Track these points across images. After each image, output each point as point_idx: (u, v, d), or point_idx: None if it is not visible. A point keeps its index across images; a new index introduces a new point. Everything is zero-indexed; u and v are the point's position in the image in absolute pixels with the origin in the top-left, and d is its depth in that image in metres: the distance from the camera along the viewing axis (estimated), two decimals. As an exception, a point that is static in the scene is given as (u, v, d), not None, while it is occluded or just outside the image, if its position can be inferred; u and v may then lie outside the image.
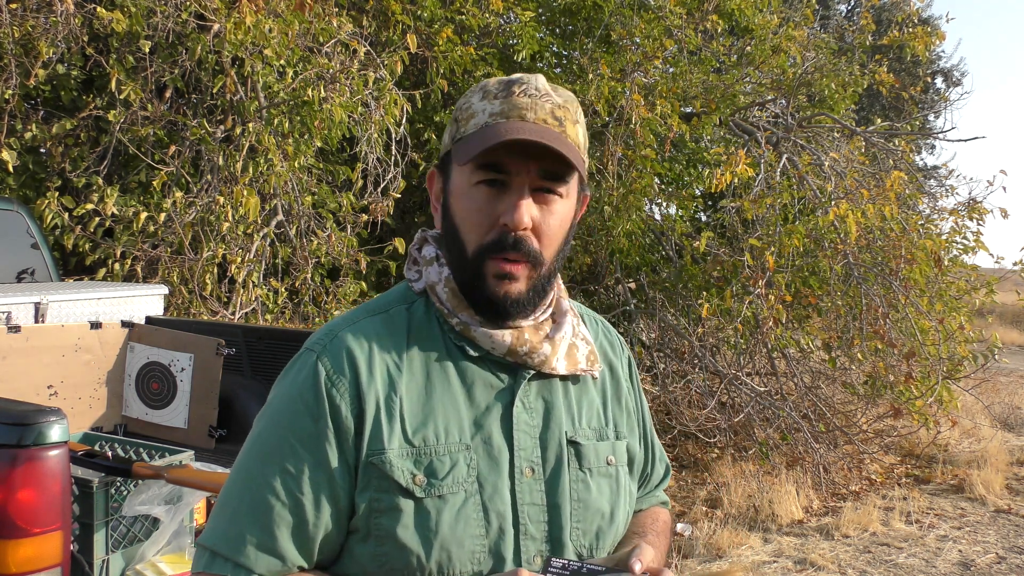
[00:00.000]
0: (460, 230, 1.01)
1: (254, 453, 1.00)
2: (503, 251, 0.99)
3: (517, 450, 1.02)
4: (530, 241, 0.99)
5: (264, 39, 4.92)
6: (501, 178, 0.98)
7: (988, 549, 4.84)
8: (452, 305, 1.04)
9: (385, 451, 0.97)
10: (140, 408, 3.44)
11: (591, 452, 1.07)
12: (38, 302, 3.24)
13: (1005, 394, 9.19)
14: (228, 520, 0.98)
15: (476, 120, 1.00)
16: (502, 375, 1.04)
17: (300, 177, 5.46)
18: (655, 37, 6.59)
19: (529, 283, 1.01)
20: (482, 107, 1.01)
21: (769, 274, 5.61)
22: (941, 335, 5.92)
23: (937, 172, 13.00)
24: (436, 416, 1.00)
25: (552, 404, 1.06)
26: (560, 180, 1.00)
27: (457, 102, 1.06)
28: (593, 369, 1.10)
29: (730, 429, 6.26)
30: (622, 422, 1.14)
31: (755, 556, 4.58)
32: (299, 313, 5.63)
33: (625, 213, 6.07)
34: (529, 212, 0.98)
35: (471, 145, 0.98)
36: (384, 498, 0.96)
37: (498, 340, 1.02)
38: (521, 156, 0.97)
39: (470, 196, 1.00)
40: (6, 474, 1.81)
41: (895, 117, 12.34)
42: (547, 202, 1.00)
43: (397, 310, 1.07)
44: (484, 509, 0.98)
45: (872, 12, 8.18)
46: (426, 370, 1.02)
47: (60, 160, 5.22)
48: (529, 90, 1.00)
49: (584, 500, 1.05)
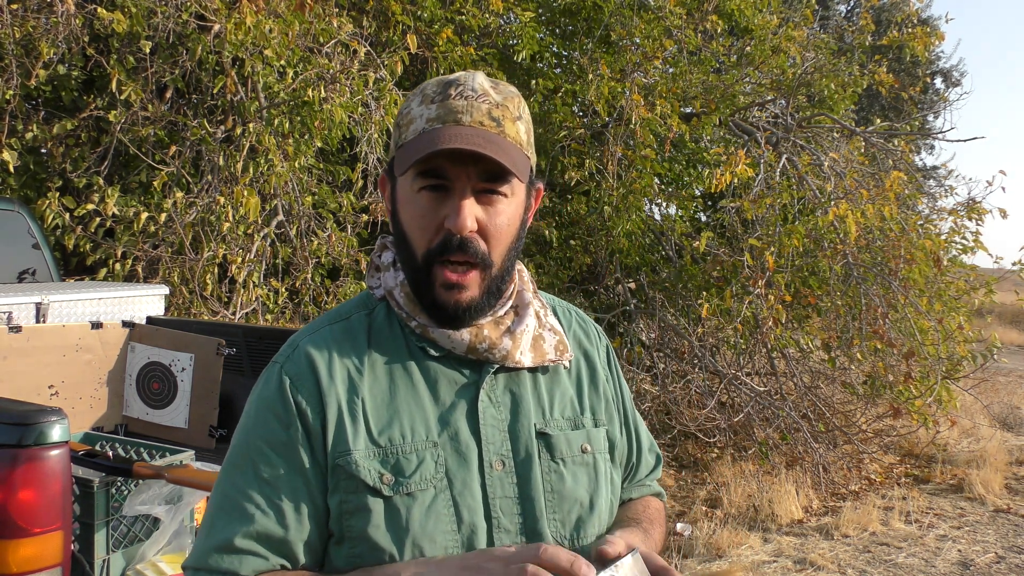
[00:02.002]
0: (408, 236, 1.03)
1: (230, 468, 1.02)
2: (449, 253, 1.00)
3: (485, 444, 1.02)
4: (477, 243, 1.00)
5: (264, 39, 4.92)
6: (442, 183, 0.99)
7: (987, 549, 4.84)
8: (409, 309, 1.06)
9: (351, 452, 0.98)
10: (141, 408, 3.44)
11: (562, 442, 1.07)
12: (39, 302, 3.24)
13: (1004, 394, 9.18)
14: (208, 536, 0.99)
15: (415, 126, 1.01)
16: (466, 371, 1.06)
17: (300, 177, 5.47)
18: (655, 37, 6.60)
19: (482, 287, 1.03)
20: (420, 112, 1.01)
21: (769, 274, 5.61)
22: (940, 335, 5.93)
23: (936, 172, 13.01)
24: (401, 415, 1.01)
25: (520, 396, 1.07)
26: (501, 180, 1.00)
27: (400, 107, 1.07)
28: (562, 359, 1.11)
29: (730, 429, 6.27)
30: (600, 409, 1.14)
31: (755, 556, 4.59)
32: (299, 313, 5.64)
33: (625, 213, 6.08)
34: (472, 215, 0.99)
35: (408, 153, 0.99)
36: (353, 499, 0.97)
37: (456, 339, 1.04)
38: (459, 161, 0.98)
39: (414, 202, 1.01)
40: (7, 474, 1.81)
41: (895, 117, 12.35)
42: (491, 203, 1.01)
43: (357, 316, 1.09)
44: (455, 504, 0.99)
45: (872, 12, 8.19)
46: (389, 372, 1.04)
47: (61, 160, 5.23)
48: (465, 91, 1.01)
49: (559, 491, 1.05)
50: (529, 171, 1.04)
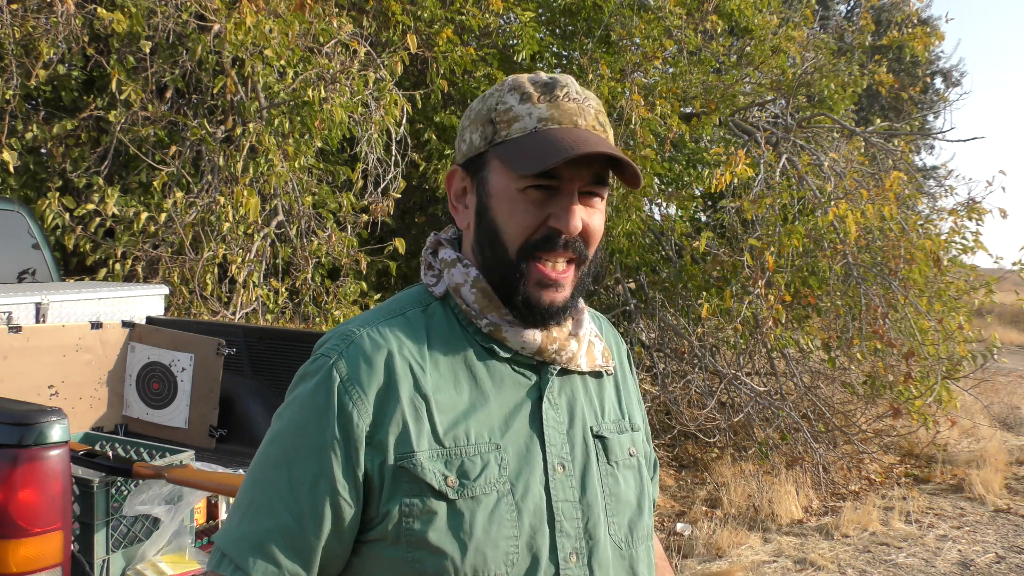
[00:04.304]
0: (502, 231, 1.01)
1: (265, 456, 1.00)
2: (553, 250, 1.00)
3: (548, 447, 1.01)
4: (579, 243, 1.02)
5: (264, 39, 4.92)
6: (552, 184, 0.99)
7: (987, 549, 4.84)
8: (480, 306, 1.04)
9: (415, 453, 0.95)
10: (141, 408, 3.45)
11: (616, 445, 1.09)
12: (39, 302, 3.25)
13: (1004, 394, 9.19)
14: (237, 522, 0.98)
15: (521, 124, 1.00)
16: (528, 373, 1.05)
17: (300, 177, 5.47)
18: (655, 37, 6.60)
19: (573, 286, 1.04)
20: (526, 110, 1.00)
21: (769, 274, 5.62)
22: (940, 335, 5.93)
23: (936, 172, 13.00)
24: (465, 416, 0.99)
25: (575, 400, 1.07)
26: (605, 184, 1.02)
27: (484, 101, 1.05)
28: (608, 365, 1.13)
29: (730, 429, 6.27)
30: (635, 414, 1.16)
31: (755, 556, 4.59)
32: (299, 313, 5.64)
33: (625, 213, 6.08)
34: (580, 216, 1.00)
35: (530, 153, 0.98)
36: (416, 502, 0.94)
37: (529, 340, 1.03)
38: (573, 163, 0.98)
39: (516, 199, 1.00)
40: (7, 474, 1.82)
41: (894, 117, 12.35)
42: (592, 204, 1.02)
43: (413, 312, 1.05)
44: (517, 509, 0.97)
45: (871, 12, 8.18)
46: (452, 370, 1.01)
47: (61, 160, 5.23)
48: (572, 94, 1.01)
49: (615, 493, 1.06)
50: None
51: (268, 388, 3.38)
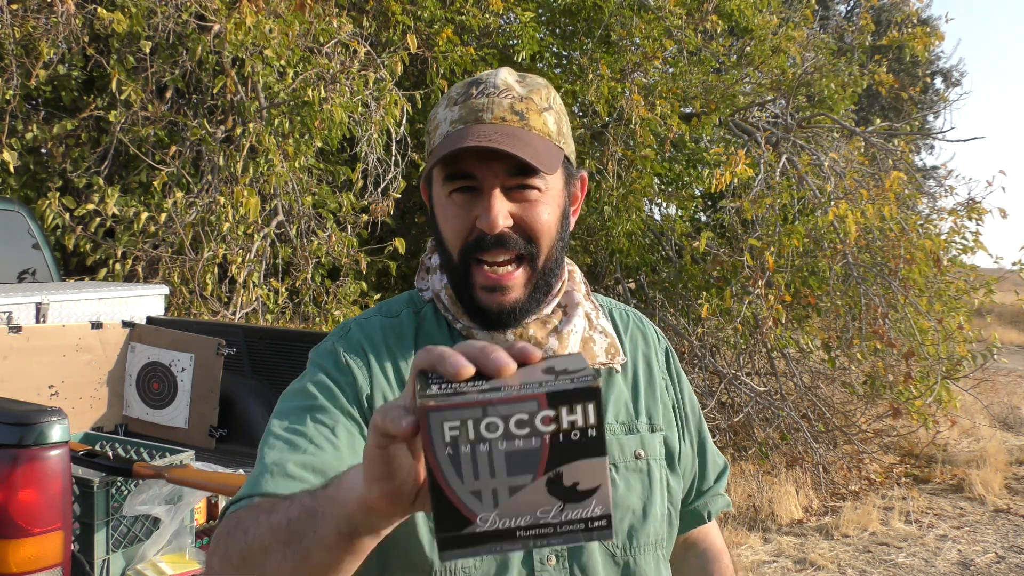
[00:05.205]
0: (445, 238, 1.02)
1: (279, 417, 0.98)
2: (484, 250, 0.98)
3: None
4: (514, 238, 0.99)
5: (264, 39, 4.92)
6: (472, 184, 0.98)
7: (987, 549, 4.84)
8: (454, 311, 1.06)
9: None
10: (141, 408, 3.45)
11: (614, 447, 1.05)
12: (39, 302, 3.25)
13: (1004, 394, 9.19)
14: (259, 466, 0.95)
15: (440, 130, 1.01)
16: None
17: (300, 177, 5.47)
18: (655, 37, 6.60)
19: (528, 286, 1.01)
20: (444, 116, 1.01)
21: (769, 274, 5.62)
22: (940, 335, 5.93)
23: (936, 172, 12.99)
24: None
25: None
26: (531, 174, 0.98)
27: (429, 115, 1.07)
28: (613, 362, 1.09)
29: (730, 429, 6.27)
30: (657, 414, 1.11)
31: (755, 556, 4.59)
32: (299, 313, 5.64)
33: (625, 213, 6.08)
34: (502, 212, 0.97)
35: (433, 157, 0.99)
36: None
37: (499, 341, 1.01)
38: (485, 159, 0.96)
39: (447, 205, 1.00)
40: (7, 474, 1.82)
41: (894, 117, 12.35)
42: (525, 198, 0.99)
43: (406, 313, 1.09)
44: None
45: (871, 12, 8.18)
46: None
47: (61, 160, 5.23)
48: (487, 89, 1.00)
49: None
50: (562, 162, 1.02)
51: (268, 388, 3.38)
